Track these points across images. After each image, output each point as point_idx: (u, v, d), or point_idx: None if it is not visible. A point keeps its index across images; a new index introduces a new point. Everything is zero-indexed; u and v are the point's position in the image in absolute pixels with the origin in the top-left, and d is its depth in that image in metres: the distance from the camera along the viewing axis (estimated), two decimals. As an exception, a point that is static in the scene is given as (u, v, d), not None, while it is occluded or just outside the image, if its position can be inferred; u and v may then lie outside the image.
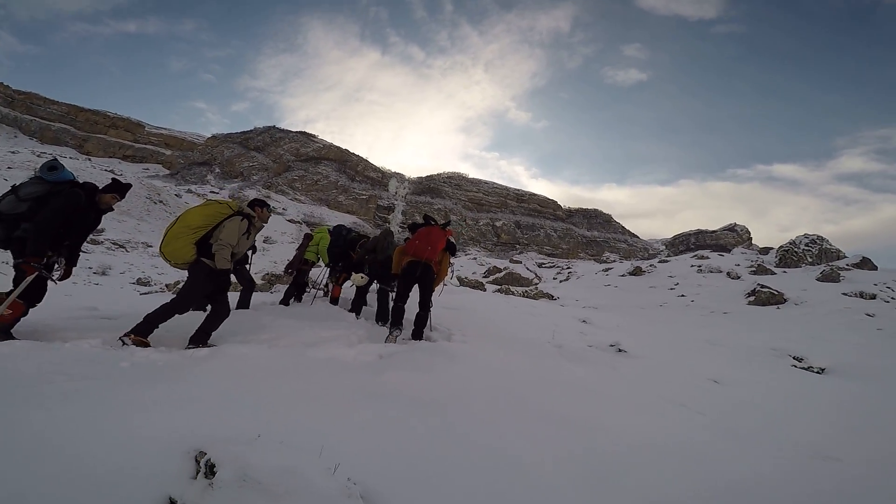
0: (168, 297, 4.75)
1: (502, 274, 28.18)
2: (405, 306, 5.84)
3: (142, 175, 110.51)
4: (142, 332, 4.14)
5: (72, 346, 3.62)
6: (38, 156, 77.30)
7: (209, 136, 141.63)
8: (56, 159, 4.38)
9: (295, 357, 4.14)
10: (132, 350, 3.80)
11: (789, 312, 15.31)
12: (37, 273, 3.92)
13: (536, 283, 27.92)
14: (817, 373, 8.25)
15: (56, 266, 4.28)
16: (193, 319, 4.54)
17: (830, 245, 23.81)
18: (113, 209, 4.58)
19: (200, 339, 4.39)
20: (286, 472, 1.77)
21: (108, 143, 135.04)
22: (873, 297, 15.89)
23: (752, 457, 3.30)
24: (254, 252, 6.53)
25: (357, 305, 7.28)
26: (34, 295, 4.13)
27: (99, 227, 5.12)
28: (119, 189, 4.53)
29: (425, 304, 5.86)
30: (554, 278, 38.97)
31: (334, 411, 2.87)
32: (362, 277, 7.20)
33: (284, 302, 7.80)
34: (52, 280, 4.21)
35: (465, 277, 24.59)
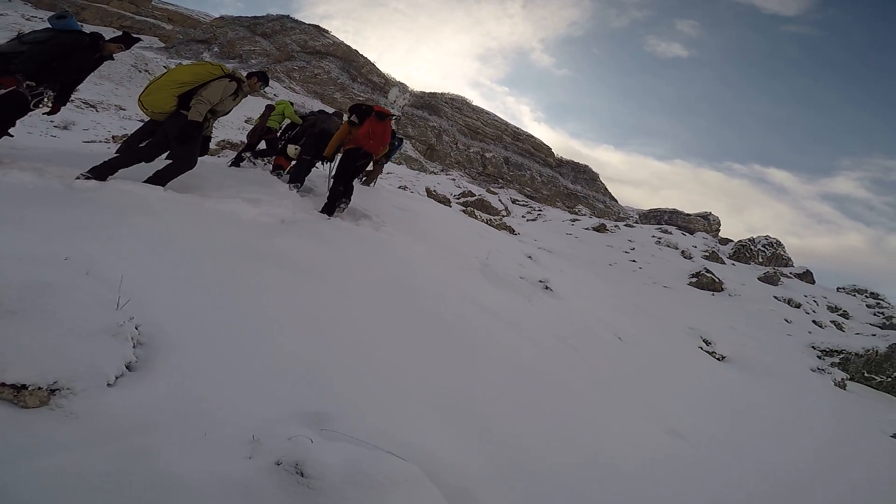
0: (113, 149, 4.62)
1: (474, 199, 28.07)
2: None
3: (134, 46, 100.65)
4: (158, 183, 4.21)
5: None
6: (28, 19, 68.47)
7: (217, 15, 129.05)
8: (66, 10, 4.18)
9: (189, 204, 3.94)
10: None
11: (721, 301, 16.11)
12: (13, 88, 3.84)
13: (504, 216, 28.06)
14: (718, 359, 8.82)
15: (45, 99, 4.19)
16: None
17: (784, 252, 24.71)
18: (114, 58, 4.59)
19: (160, 181, 4.28)
20: (37, 285, 1.52)
21: (107, 12, 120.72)
22: (798, 305, 16.96)
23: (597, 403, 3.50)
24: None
25: (295, 176, 7.01)
26: (5, 117, 4.03)
27: None
28: (126, 41, 4.54)
29: (345, 181, 5.91)
30: (523, 216, 39.32)
31: (181, 257, 2.68)
32: (295, 149, 7.05)
33: (235, 164, 7.73)
34: (33, 107, 4.10)
35: (434, 190, 24.37)
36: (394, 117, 6.62)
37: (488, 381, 2.84)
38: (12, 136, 4.26)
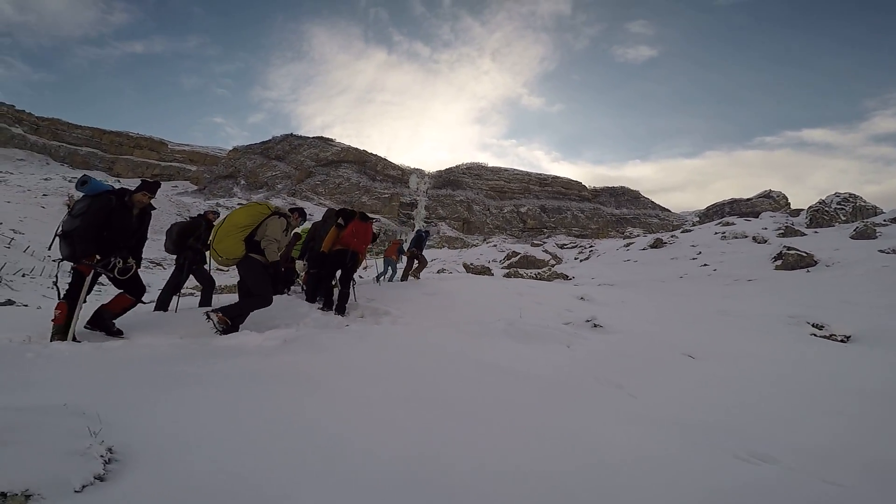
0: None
1: (517, 258, 27.27)
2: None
3: (171, 193, 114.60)
4: (228, 315, 4.65)
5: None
6: (70, 181, 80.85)
7: (230, 148, 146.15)
8: (85, 174, 4.71)
9: (198, 346, 4.08)
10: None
11: (819, 276, 13.93)
12: (93, 271, 4.39)
13: (553, 265, 26.91)
14: (841, 341, 7.22)
15: (116, 265, 4.56)
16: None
17: (865, 202, 21.87)
18: (151, 206, 4.99)
19: (232, 313, 4.70)
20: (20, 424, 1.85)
21: (135, 163, 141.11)
22: (912, 251, 14.32)
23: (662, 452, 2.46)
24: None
25: (309, 293, 7.50)
26: (131, 289, 4.65)
27: None
28: (148, 187, 4.89)
29: (346, 283, 6.82)
30: (575, 258, 37.76)
31: (175, 391, 2.69)
32: (303, 265, 7.51)
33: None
34: (107, 274, 4.54)
35: (472, 264, 23.83)
36: (375, 220, 7.59)
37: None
38: (144, 302, 4.91)
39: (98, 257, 4.40)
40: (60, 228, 4.49)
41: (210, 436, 2.13)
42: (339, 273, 7.07)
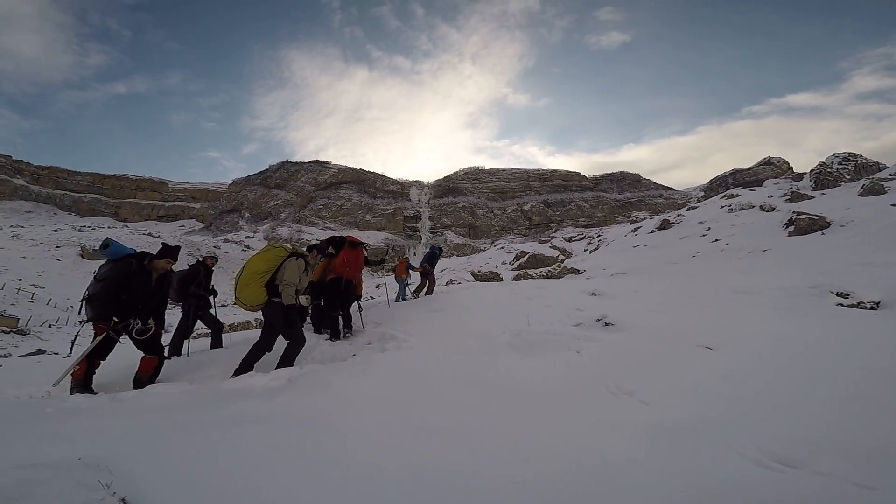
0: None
1: (526, 258, 26.98)
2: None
3: (178, 233, 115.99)
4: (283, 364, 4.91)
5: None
6: (79, 230, 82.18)
7: (230, 182, 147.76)
8: (107, 238, 4.94)
9: (205, 392, 4.15)
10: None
11: (835, 238, 13.51)
12: (105, 334, 4.50)
13: (562, 260, 26.59)
14: (870, 309, 6.83)
15: (133, 327, 4.68)
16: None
17: (866, 159, 21.36)
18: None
19: (286, 364, 4.92)
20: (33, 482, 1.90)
21: (139, 206, 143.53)
22: (929, 200, 13.85)
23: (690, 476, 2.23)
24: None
25: (315, 324, 7.47)
26: (100, 353, 4.63)
27: None
28: (170, 253, 5.06)
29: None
30: (584, 250, 37.35)
31: (184, 437, 2.75)
32: (306, 299, 7.15)
33: None
34: (119, 340, 4.72)
35: (479, 271, 23.58)
36: (365, 245, 7.52)
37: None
38: (170, 359, 5.06)
39: (116, 319, 4.55)
40: (86, 292, 4.66)
41: (213, 480, 2.18)
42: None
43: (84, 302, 4.67)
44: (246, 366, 4.88)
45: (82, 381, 4.49)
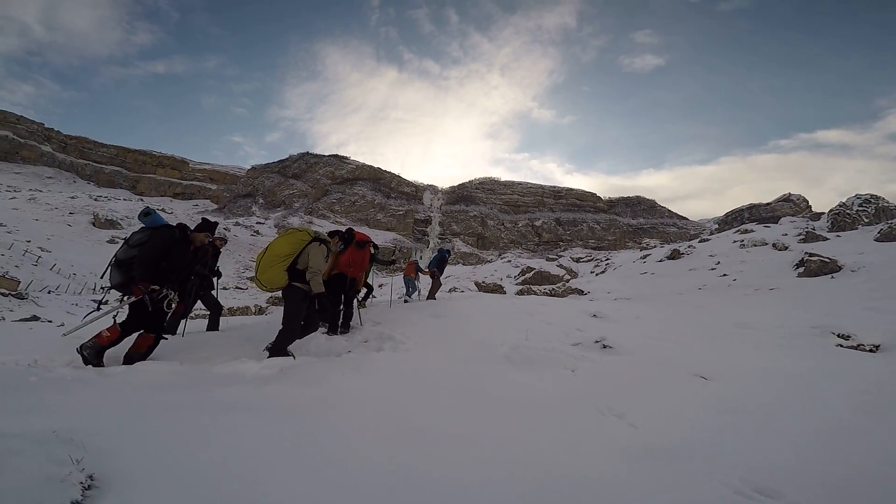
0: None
1: (531, 274, 26.91)
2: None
3: (192, 212, 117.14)
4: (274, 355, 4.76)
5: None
6: (95, 199, 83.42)
7: (249, 167, 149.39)
8: (148, 206, 4.88)
9: (195, 374, 4.09)
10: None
11: (844, 282, 13.39)
12: (142, 297, 4.39)
13: (567, 280, 26.50)
14: (869, 351, 6.83)
15: (170, 299, 4.64)
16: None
17: (888, 203, 21.10)
18: (211, 247, 5.32)
19: (276, 352, 4.81)
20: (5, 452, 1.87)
21: (157, 182, 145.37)
22: (946, 253, 13.68)
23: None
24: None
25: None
26: (133, 325, 4.52)
27: None
28: (208, 227, 5.08)
29: (349, 304, 7.01)
30: (591, 272, 37.19)
31: (166, 418, 2.71)
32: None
33: None
34: (166, 308, 4.61)
35: (484, 282, 23.57)
36: (371, 244, 7.50)
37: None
38: (167, 338, 4.84)
39: (155, 287, 4.50)
40: (114, 257, 4.63)
41: (204, 467, 2.14)
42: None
43: (112, 267, 4.58)
44: (277, 349, 4.85)
45: (105, 346, 4.34)
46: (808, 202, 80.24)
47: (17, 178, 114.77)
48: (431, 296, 12.35)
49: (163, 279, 4.55)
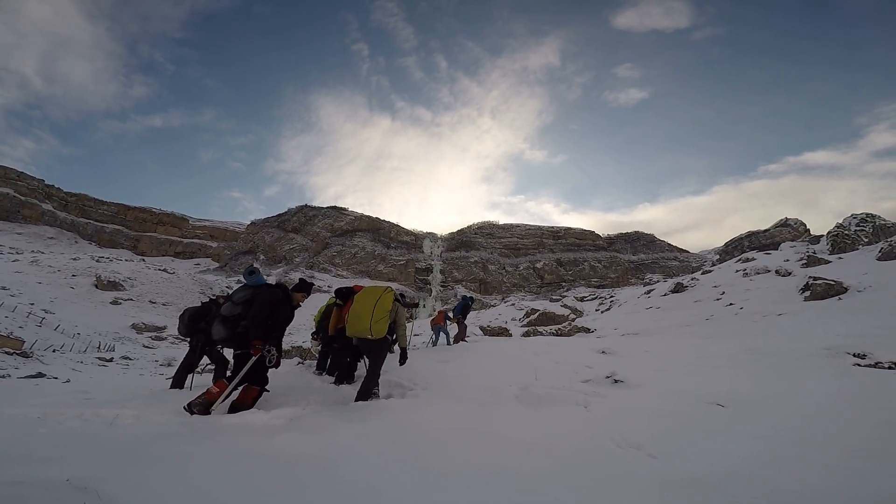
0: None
1: (535, 316, 26.66)
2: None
3: (193, 271, 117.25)
4: (364, 397, 5.08)
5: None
6: (97, 260, 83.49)
7: (248, 222, 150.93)
8: (252, 265, 5.19)
9: (205, 424, 4.04)
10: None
11: (852, 303, 13.25)
12: (260, 354, 4.59)
13: (573, 319, 26.22)
14: (888, 368, 6.66)
15: (272, 354, 4.77)
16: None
17: (885, 220, 21.23)
18: (301, 306, 5.42)
19: (364, 396, 5.11)
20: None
21: (158, 240, 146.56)
22: (950, 268, 13.62)
23: None
24: None
25: (320, 362, 7.84)
26: (255, 378, 4.71)
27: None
28: (306, 288, 5.38)
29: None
30: (596, 310, 36.85)
31: (173, 469, 2.69)
32: (316, 344, 7.95)
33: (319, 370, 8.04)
34: (269, 365, 4.75)
35: (488, 326, 23.33)
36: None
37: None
38: (269, 391, 4.95)
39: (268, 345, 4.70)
40: (223, 313, 4.85)
41: None
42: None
43: (218, 322, 4.80)
44: (366, 392, 5.15)
45: (213, 402, 4.46)
46: (805, 225, 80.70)
47: (19, 240, 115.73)
48: (458, 339, 13.24)
49: (267, 336, 4.74)
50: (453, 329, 14.22)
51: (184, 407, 4.37)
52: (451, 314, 14.19)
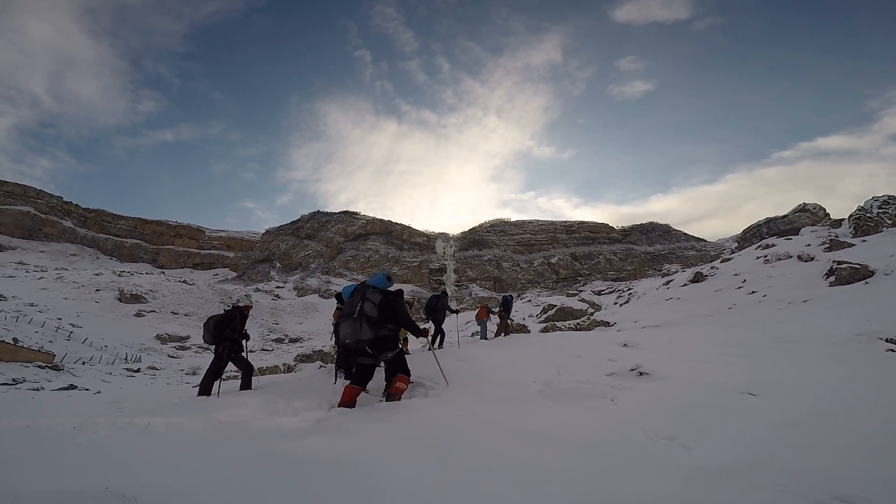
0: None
1: (553, 311, 26.48)
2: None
3: (212, 281, 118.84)
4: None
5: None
6: (119, 275, 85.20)
7: (263, 231, 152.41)
8: (387, 272, 5.60)
9: (237, 430, 4.09)
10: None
11: (880, 287, 12.88)
12: (407, 347, 5.43)
13: (591, 313, 25.98)
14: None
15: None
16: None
17: (905, 201, 20.57)
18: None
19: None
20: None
21: (176, 253, 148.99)
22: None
23: None
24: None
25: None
26: (404, 370, 5.29)
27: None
28: (401, 294, 6.31)
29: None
30: (614, 303, 36.45)
31: (207, 475, 2.72)
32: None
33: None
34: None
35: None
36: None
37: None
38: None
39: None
40: (358, 311, 5.13)
41: None
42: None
43: (363, 323, 4.97)
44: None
45: (348, 405, 4.88)
46: (825, 210, 78.87)
47: (42, 257, 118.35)
48: (500, 333, 14.25)
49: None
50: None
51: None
52: (494, 309, 14.90)
